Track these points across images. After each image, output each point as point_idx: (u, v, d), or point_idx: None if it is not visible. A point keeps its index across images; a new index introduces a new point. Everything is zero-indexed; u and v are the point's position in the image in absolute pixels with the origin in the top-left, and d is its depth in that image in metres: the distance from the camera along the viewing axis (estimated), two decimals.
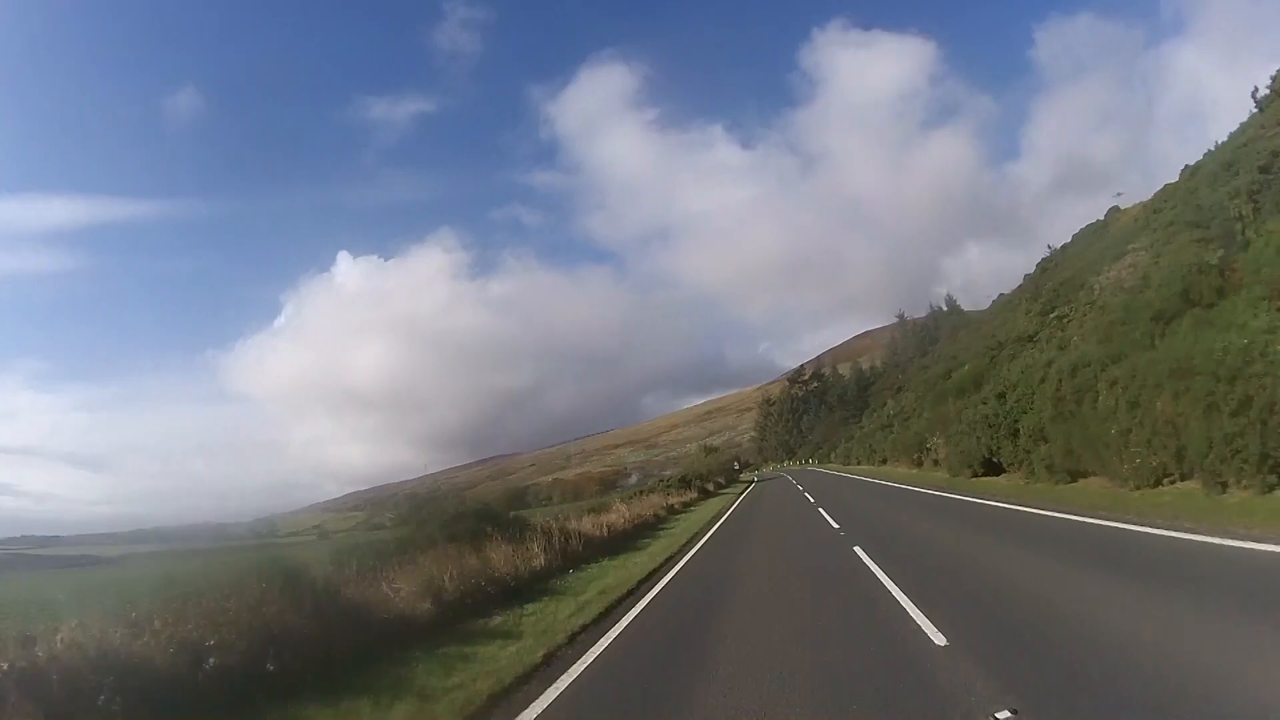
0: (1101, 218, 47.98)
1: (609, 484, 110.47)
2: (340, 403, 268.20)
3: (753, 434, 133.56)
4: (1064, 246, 50.43)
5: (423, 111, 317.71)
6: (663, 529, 23.14)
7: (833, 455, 65.85)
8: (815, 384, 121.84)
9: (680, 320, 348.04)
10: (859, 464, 51.48)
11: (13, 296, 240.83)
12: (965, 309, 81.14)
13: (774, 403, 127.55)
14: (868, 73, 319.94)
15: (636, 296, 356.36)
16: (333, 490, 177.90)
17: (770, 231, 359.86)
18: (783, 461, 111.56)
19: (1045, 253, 60.42)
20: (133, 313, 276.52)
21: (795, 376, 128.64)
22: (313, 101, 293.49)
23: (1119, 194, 47.82)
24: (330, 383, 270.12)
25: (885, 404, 57.50)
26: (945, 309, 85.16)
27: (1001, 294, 60.74)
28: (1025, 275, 56.62)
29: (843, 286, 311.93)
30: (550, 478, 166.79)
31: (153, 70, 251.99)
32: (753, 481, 54.29)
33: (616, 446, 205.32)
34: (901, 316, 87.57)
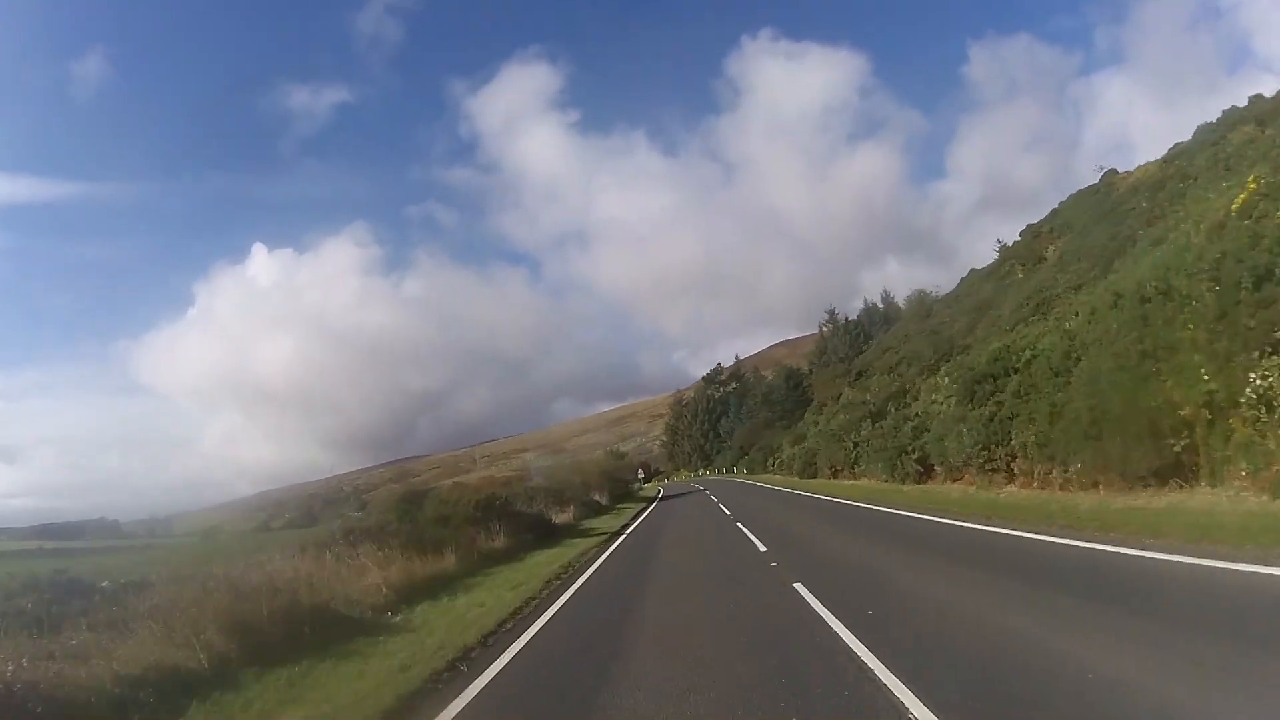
0: (1095, 182, 41.71)
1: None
2: (252, 400, 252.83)
3: (663, 439, 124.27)
4: (1055, 212, 44.00)
5: (343, 102, 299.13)
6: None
7: (771, 463, 52.88)
8: (734, 385, 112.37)
9: (594, 327, 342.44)
10: (804, 478, 39.06)
11: None
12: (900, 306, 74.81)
13: (686, 404, 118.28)
14: (795, 83, 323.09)
15: (550, 301, 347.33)
16: (246, 489, 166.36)
17: (688, 240, 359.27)
18: (698, 470, 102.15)
19: (964, 271, 57.87)
20: (46, 297, 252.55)
21: (712, 376, 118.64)
22: (233, 85, 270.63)
23: (1101, 168, 41.37)
24: (242, 378, 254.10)
25: (839, 395, 46.59)
26: (880, 305, 78.51)
27: (972, 269, 53.51)
28: (1002, 246, 49.66)
29: (760, 298, 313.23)
30: (450, 481, 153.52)
31: (62, 34, 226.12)
32: (654, 498, 42.38)
33: (523, 451, 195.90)
34: (833, 313, 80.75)
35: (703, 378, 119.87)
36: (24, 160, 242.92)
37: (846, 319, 79.94)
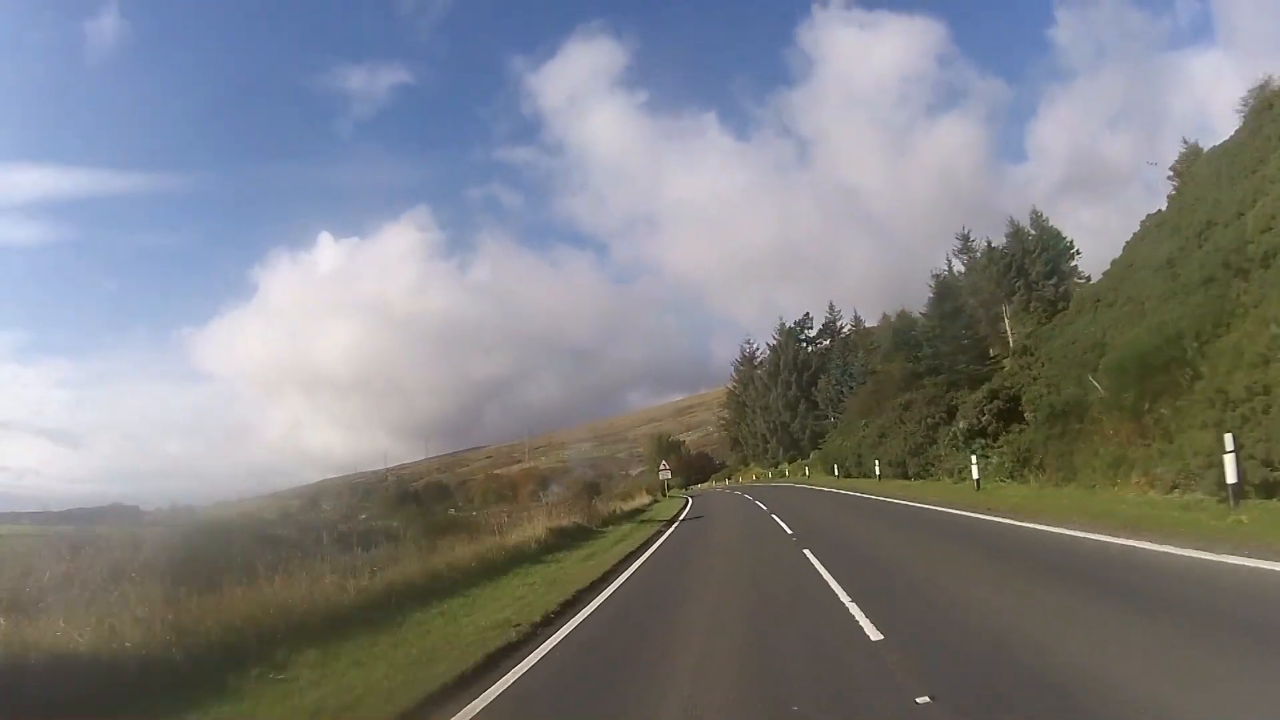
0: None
1: (545, 483, 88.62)
2: (316, 387, 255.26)
3: (723, 417, 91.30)
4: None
5: (401, 83, 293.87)
6: None
7: (930, 469, 28.75)
8: (829, 341, 73.33)
9: (665, 313, 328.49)
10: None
11: None
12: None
13: (759, 364, 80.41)
14: (869, 53, 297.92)
15: (619, 286, 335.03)
16: (312, 476, 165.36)
17: (761, 222, 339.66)
18: (778, 464, 70.05)
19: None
20: (112, 287, 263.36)
21: (799, 327, 76.10)
22: (290, 69, 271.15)
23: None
24: (307, 366, 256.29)
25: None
26: (1031, 229, 48.68)
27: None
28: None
29: (835, 282, 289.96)
30: (484, 475, 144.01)
31: (133, 36, 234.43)
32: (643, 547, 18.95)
33: (583, 440, 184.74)
34: (967, 238, 51.57)
35: (781, 332, 76.85)
36: (85, 153, 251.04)
37: (990, 244, 51.62)
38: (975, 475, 22.01)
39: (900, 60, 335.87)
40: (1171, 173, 36.90)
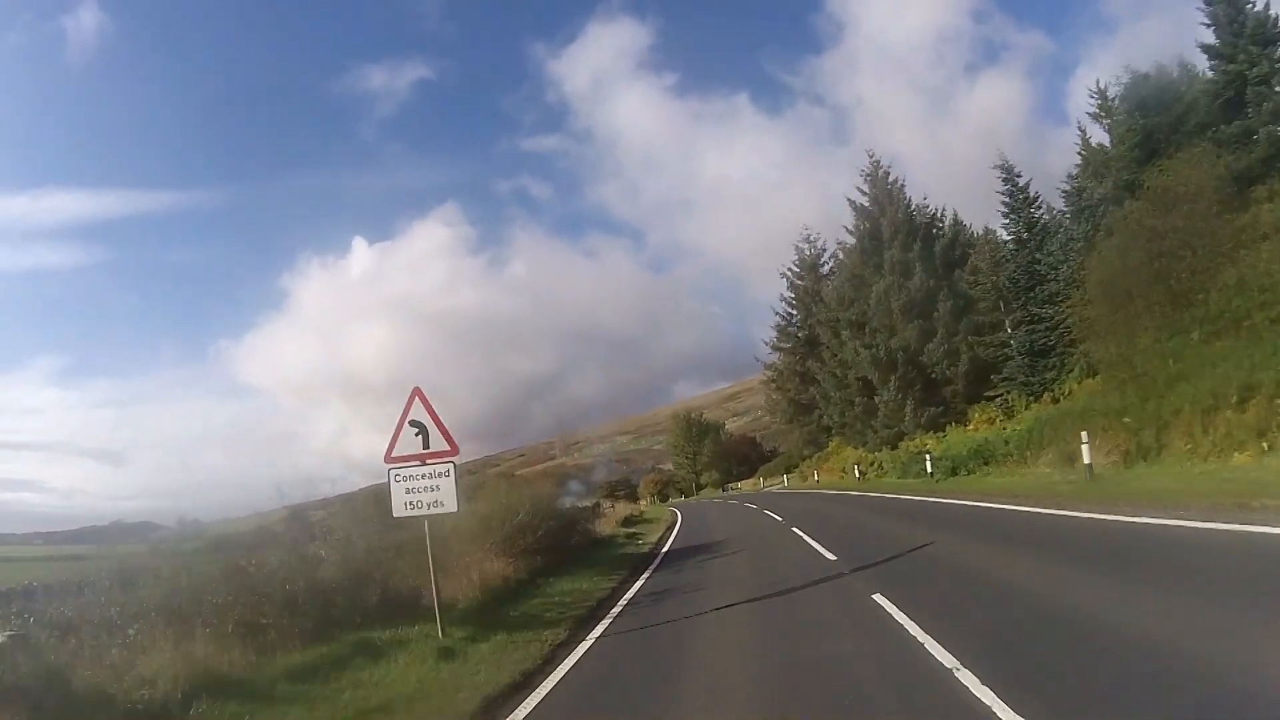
0: None
1: (564, 482, 77.51)
2: (357, 393, 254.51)
3: (773, 378, 54.76)
4: None
5: (422, 78, 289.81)
6: None
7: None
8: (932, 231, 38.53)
9: (707, 302, 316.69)
10: None
11: (29, 293, 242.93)
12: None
13: (830, 268, 48.48)
14: (900, 10, 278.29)
15: (659, 274, 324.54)
16: (361, 481, 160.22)
17: (800, 197, 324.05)
18: (904, 439, 35.47)
19: None
20: (147, 306, 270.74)
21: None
22: (310, 74, 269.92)
23: None
24: (346, 372, 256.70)
25: None
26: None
27: None
28: None
29: None
30: (496, 472, 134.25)
31: (155, 56, 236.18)
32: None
33: (621, 434, 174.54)
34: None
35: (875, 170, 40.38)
36: (111, 174, 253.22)
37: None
38: None
39: (935, 18, 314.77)
40: None
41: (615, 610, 10.23)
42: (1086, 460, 16.29)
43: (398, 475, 9.17)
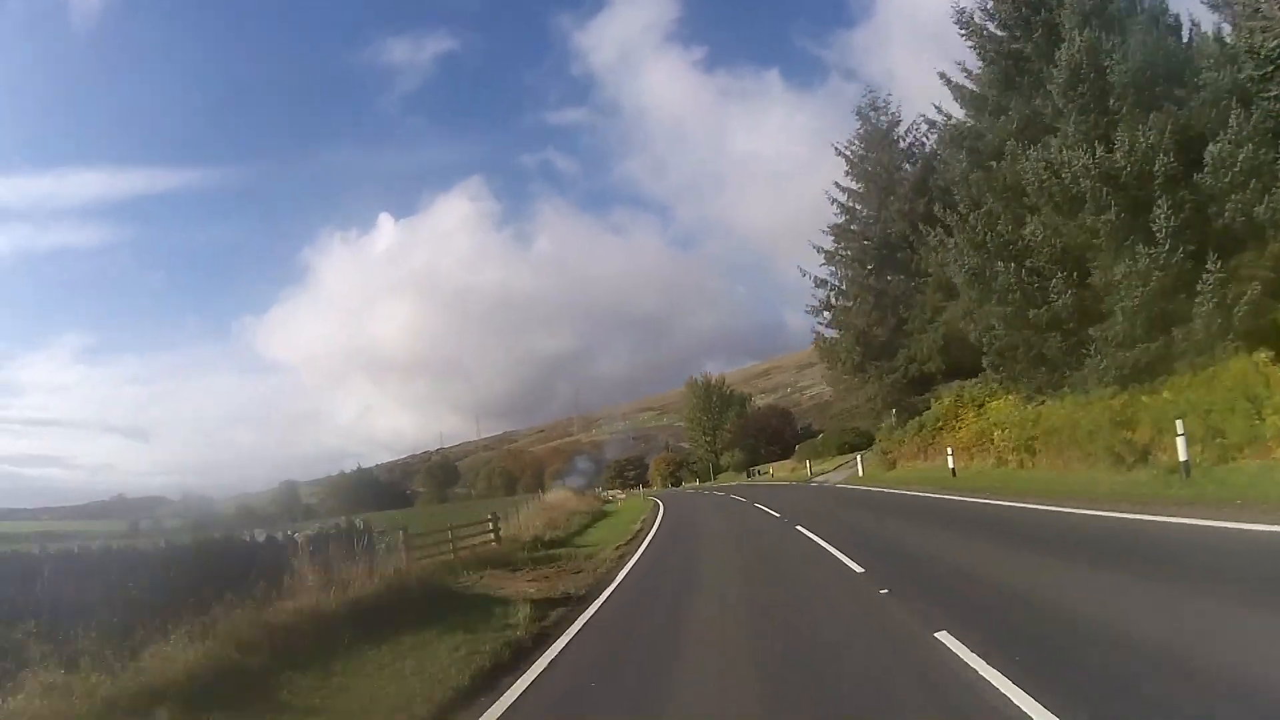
0: None
1: (572, 461, 71.72)
2: (383, 371, 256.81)
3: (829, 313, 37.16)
4: None
5: (445, 51, 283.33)
6: None
7: None
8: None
9: (735, 281, 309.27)
10: None
11: (56, 271, 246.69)
12: None
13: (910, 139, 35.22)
14: None
15: (687, 251, 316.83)
16: (386, 457, 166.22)
17: (832, 173, 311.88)
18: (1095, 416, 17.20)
19: None
20: (171, 283, 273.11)
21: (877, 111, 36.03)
22: (332, 48, 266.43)
23: None
24: (370, 350, 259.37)
25: None
26: None
27: None
28: None
29: None
30: (507, 448, 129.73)
31: (177, 35, 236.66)
32: None
33: (643, 410, 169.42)
34: None
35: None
36: (134, 153, 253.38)
37: None
38: None
39: None
40: None
41: None
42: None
43: None
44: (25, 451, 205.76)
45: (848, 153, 36.01)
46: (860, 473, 33.22)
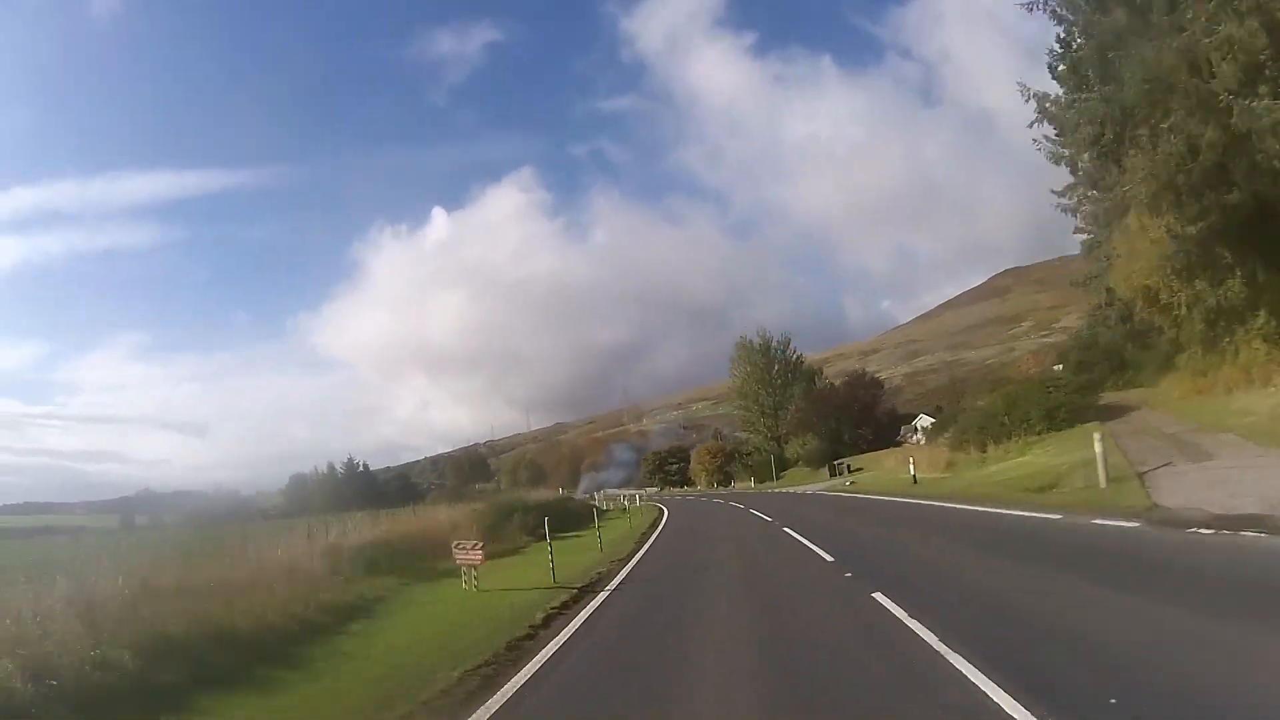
0: None
1: (609, 453, 61.91)
2: (438, 365, 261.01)
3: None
4: None
5: (492, 41, 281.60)
6: None
7: None
8: None
9: (794, 271, 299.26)
10: None
11: (110, 272, 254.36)
12: None
13: None
14: None
15: (744, 240, 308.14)
16: (444, 449, 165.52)
17: (890, 160, 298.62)
18: None
19: None
20: (226, 282, 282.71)
21: None
22: (379, 42, 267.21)
23: None
24: (426, 344, 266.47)
25: None
26: None
27: None
28: None
29: (975, 225, 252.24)
30: (552, 441, 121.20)
31: (225, 37, 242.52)
32: None
33: (699, 400, 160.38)
34: None
35: None
36: (185, 156, 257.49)
37: None
38: None
39: None
40: None
41: None
42: None
43: None
44: (83, 448, 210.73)
45: None
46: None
